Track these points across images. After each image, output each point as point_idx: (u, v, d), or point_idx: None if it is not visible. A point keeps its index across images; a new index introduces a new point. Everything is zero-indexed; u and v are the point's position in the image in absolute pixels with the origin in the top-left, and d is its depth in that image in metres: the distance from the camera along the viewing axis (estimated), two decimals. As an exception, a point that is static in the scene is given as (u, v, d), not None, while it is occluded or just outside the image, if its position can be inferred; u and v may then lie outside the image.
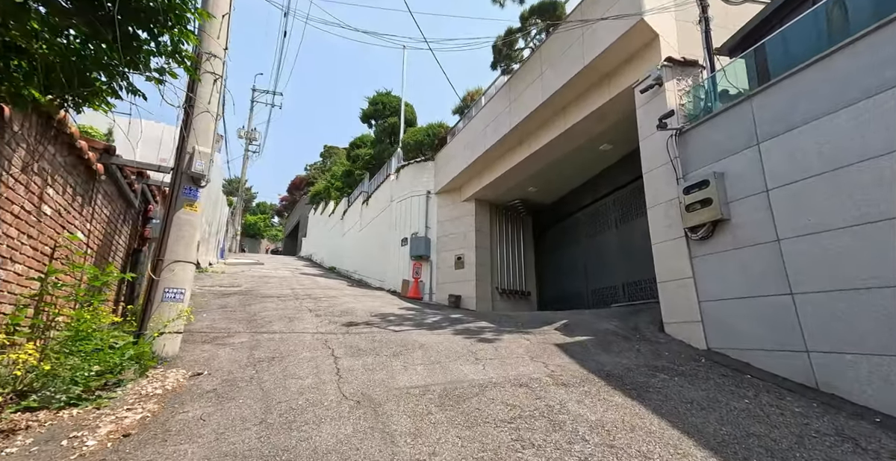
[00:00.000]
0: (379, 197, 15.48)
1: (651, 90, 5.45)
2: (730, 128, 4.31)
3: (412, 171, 13.69)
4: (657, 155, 5.30)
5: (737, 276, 4.05)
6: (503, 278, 11.94)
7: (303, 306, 7.38)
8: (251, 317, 6.21)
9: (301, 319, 6.17)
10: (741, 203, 4.10)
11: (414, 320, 6.59)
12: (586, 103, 7.92)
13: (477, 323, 6.27)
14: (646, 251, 8.84)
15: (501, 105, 9.97)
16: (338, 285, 11.87)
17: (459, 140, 11.98)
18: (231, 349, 4.35)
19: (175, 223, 3.95)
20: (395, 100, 17.83)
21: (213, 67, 4.27)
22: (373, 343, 4.81)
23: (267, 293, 8.71)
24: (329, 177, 26.02)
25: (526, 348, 4.60)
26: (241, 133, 23.14)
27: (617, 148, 9.11)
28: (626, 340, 4.75)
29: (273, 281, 11.19)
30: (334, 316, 6.64)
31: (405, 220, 13.20)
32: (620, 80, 7.12)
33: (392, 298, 10.25)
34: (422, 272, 12.06)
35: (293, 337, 5.03)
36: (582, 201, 10.96)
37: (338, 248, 19.79)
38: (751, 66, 4.69)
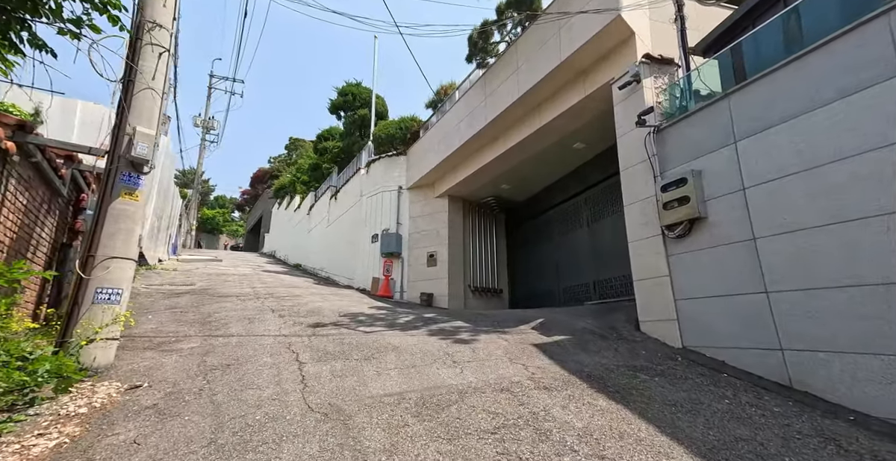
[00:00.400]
0: (348, 191, 14.95)
1: (629, 87, 5.42)
2: (708, 126, 4.31)
3: (383, 166, 13.28)
4: (634, 152, 5.27)
5: (713, 275, 4.06)
6: (476, 276, 11.82)
7: (265, 306, 6.90)
8: (205, 318, 5.70)
9: (262, 320, 5.73)
10: (718, 201, 4.11)
11: (386, 320, 6.29)
12: (562, 100, 7.86)
13: (452, 322, 6.06)
14: (617, 249, 8.99)
15: (477, 99, 9.78)
16: (303, 283, 11.32)
17: (433, 134, 11.71)
18: (179, 356, 3.90)
19: (111, 214, 3.45)
20: (365, 91, 17.27)
21: (158, 38, 3.77)
22: (342, 346, 4.49)
23: (224, 292, 8.12)
24: (295, 170, 25.00)
25: (504, 349, 4.43)
26: (196, 121, 21.70)
27: (590, 147, 9.16)
28: (603, 339, 4.70)
29: (232, 279, 10.51)
30: (299, 316, 6.23)
31: (376, 216, 12.80)
32: (596, 78, 7.09)
33: (361, 297, 9.88)
34: (393, 270, 11.73)
35: (253, 340, 4.62)
36: (554, 199, 11.00)
37: (304, 245, 19.03)
38: (726, 66, 4.73)
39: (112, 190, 3.54)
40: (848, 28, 3.30)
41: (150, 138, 3.75)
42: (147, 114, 3.77)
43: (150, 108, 3.84)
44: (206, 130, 21.92)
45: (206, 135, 22.01)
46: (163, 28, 3.87)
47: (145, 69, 3.74)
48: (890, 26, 3.07)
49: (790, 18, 4.02)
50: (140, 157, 3.67)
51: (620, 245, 8.76)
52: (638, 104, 5.30)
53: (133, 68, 3.67)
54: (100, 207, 3.44)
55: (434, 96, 13.65)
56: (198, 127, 21.72)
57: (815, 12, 3.84)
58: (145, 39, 3.75)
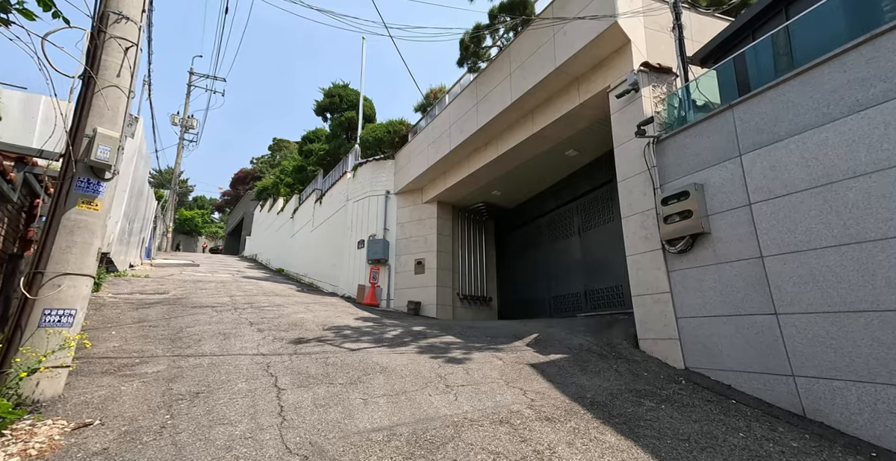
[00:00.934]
0: (334, 195, 14.54)
1: (627, 95, 5.27)
2: (710, 137, 4.16)
3: (371, 170, 12.95)
4: (633, 163, 5.11)
5: (717, 293, 3.89)
6: (465, 284, 11.57)
7: (242, 318, 6.49)
8: (176, 334, 5.28)
9: (239, 336, 5.34)
10: (722, 216, 3.95)
11: (372, 334, 5.97)
12: (555, 107, 7.71)
13: (442, 337, 5.78)
14: (609, 259, 8.85)
15: (468, 104, 9.57)
16: (285, 291, 10.86)
17: (422, 139, 11.45)
18: (141, 383, 3.51)
19: (64, 225, 3.06)
20: (353, 93, 16.91)
21: (123, 32, 3.41)
22: (325, 367, 4.16)
23: (200, 302, 7.66)
24: (278, 172, 24.37)
25: (499, 370, 4.17)
26: (174, 119, 20.91)
27: (583, 154, 9.03)
28: (602, 358, 4.48)
29: (209, 286, 9.99)
30: (280, 330, 5.86)
31: (362, 221, 12.44)
32: (591, 86, 6.96)
33: (347, 306, 9.50)
34: (379, 277, 11.39)
35: (227, 361, 4.25)
36: (545, 207, 10.85)
37: (287, 249, 18.48)
38: (727, 76, 4.62)
39: (66, 198, 3.15)
40: (861, 40, 3.18)
41: (114, 141, 3.38)
42: (110, 114, 3.40)
43: (113, 108, 3.46)
44: (184, 129, 21.16)
45: (184, 134, 21.25)
46: (130, 21, 3.51)
47: (109, 65, 3.37)
48: (905, 40, 2.96)
49: (795, 29, 3.91)
50: (101, 162, 3.29)
51: (613, 255, 8.65)
52: (636, 113, 5.15)
53: (94, 63, 3.29)
54: (51, 217, 3.06)
55: (423, 100, 13.41)
56: (176, 125, 20.94)
57: (821, 24, 3.73)
58: (110, 32, 3.38)
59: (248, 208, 29.31)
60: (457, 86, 11.27)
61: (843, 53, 3.28)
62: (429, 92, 13.26)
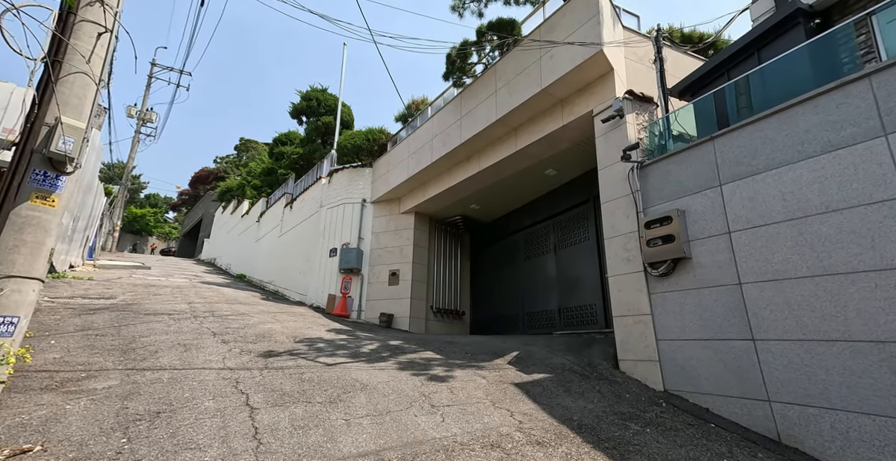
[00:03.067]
0: (306, 200, 14.09)
1: (612, 121, 5.45)
2: (692, 166, 4.35)
3: (347, 176, 12.68)
4: (616, 186, 5.26)
5: (697, 317, 4.01)
6: (439, 297, 11.43)
7: (204, 328, 6.04)
8: (128, 344, 4.81)
9: (202, 348, 4.94)
10: (703, 243, 4.10)
11: (348, 348, 5.70)
12: (538, 127, 7.88)
13: (421, 352, 5.61)
14: (584, 278, 8.99)
15: (452, 117, 9.62)
16: (249, 298, 10.29)
17: (403, 149, 11.37)
18: (90, 400, 3.13)
19: (13, 222, 2.70)
20: (331, 98, 16.64)
21: (96, 16, 3.13)
22: (301, 383, 3.89)
23: (154, 308, 7.08)
24: (245, 173, 23.43)
25: (484, 390, 4.07)
26: (131, 111, 19.66)
27: (561, 174, 9.26)
28: (584, 379, 4.48)
29: (163, 291, 9.30)
30: (247, 342, 5.48)
31: (336, 229, 12.08)
32: (574, 109, 7.17)
33: (316, 316, 9.09)
34: (351, 287, 11.04)
35: (190, 376, 3.89)
36: (522, 223, 10.98)
37: (250, 254, 17.64)
38: (707, 109, 4.87)
39: (17, 191, 2.79)
40: (832, 86, 3.44)
41: (79, 132, 3.06)
42: (76, 102, 3.09)
43: (80, 96, 3.15)
44: (141, 122, 19.92)
45: (141, 127, 20.00)
46: (105, 4, 3.24)
47: (79, 49, 3.08)
48: (872, 89, 3.22)
49: (768, 71, 4.20)
50: (61, 153, 2.96)
51: (588, 274, 8.82)
52: (620, 138, 5.33)
53: (62, 45, 3.00)
54: (-1, 213, 2.70)
55: (405, 110, 13.37)
56: (132, 118, 19.69)
57: (792, 67, 4.03)
58: (81, 15, 3.10)
59: (209, 209, 27.88)
60: (440, 99, 11.33)
61: (815, 96, 3.54)
62: (411, 103, 13.26)
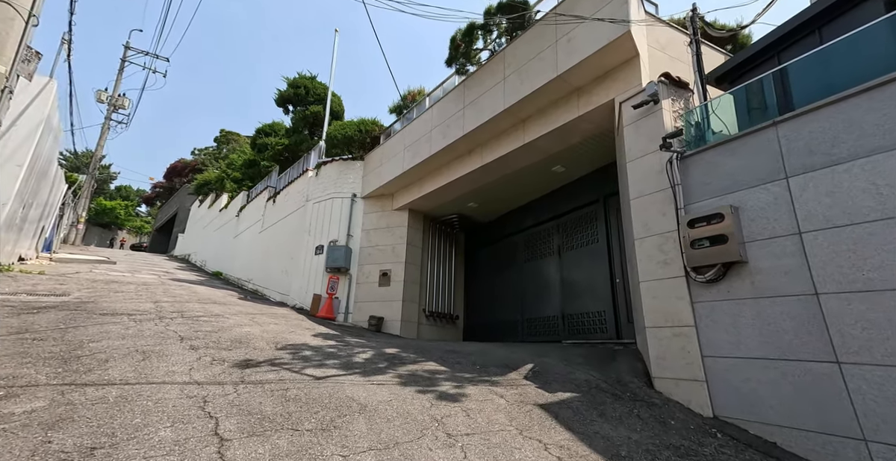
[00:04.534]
0: (291, 194, 13.21)
1: (645, 107, 4.88)
2: (748, 156, 3.80)
3: (336, 170, 11.87)
4: (649, 179, 4.68)
5: (756, 332, 3.44)
6: (432, 300, 10.74)
7: (170, 331, 5.20)
8: (72, 351, 3.96)
9: (165, 355, 4.13)
10: (764, 245, 3.54)
11: (339, 357, 4.95)
12: (550, 118, 7.29)
13: (422, 363, 4.90)
14: (592, 283, 8.18)
15: (454, 107, 8.96)
16: (225, 298, 9.37)
17: (398, 141, 10.65)
18: (1, 430, 2.33)
19: None
20: (320, 86, 15.76)
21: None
22: (285, 403, 3.15)
23: (113, 308, 6.17)
24: (224, 165, 22.23)
25: (506, 412, 3.40)
26: (101, 95, 18.30)
27: (569, 171, 8.70)
28: (617, 400, 3.87)
29: (127, 289, 8.33)
30: (220, 348, 4.68)
31: (323, 225, 11.26)
32: (592, 98, 6.61)
33: (300, 318, 8.27)
34: (338, 287, 10.24)
35: (145, 394, 3.10)
36: (522, 223, 10.38)
37: (228, 250, 16.57)
38: (753, 96, 4.34)
39: None
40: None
41: None
42: (-4, 36, 2.30)
43: (2, 31, 2.36)
44: (112, 108, 18.57)
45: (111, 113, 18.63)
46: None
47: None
48: None
49: (842, 47, 3.67)
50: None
51: (596, 279, 8.10)
52: (654, 126, 4.76)
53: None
54: None
55: (400, 101, 12.65)
56: (102, 103, 18.32)
57: (871, 45, 3.51)
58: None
59: (184, 203, 26.47)
60: (439, 89, 10.67)
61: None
62: (406, 93, 12.54)
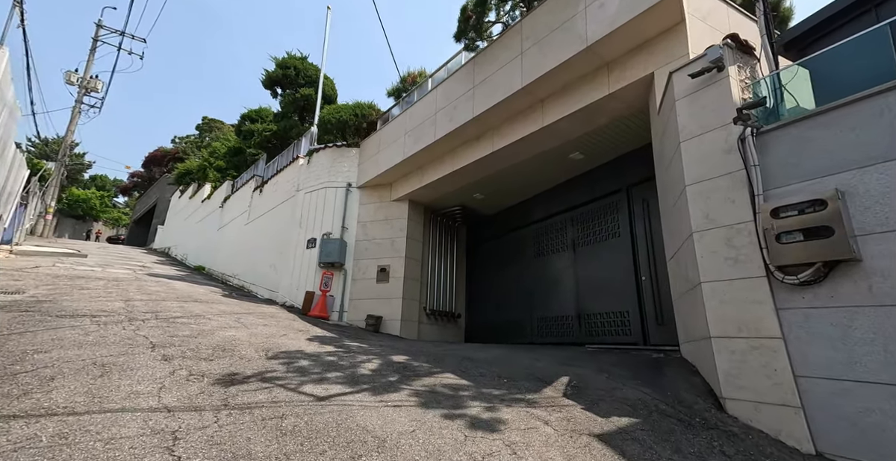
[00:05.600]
0: (280, 184, 12.25)
1: (706, 75, 4.14)
2: (856, 129, 3.10)
3: (330, 157, 10.96)
4: (711, 161, 3.97)
5: (878, 348, 2.77)
6: (432, 297, 9.98)
7: (140, 336, 4.34)
8: (7, 367, 3.07)
9: (129, 370, 3.28)
10: (883, 239, 2.86)
11: (341, 367, 4.15)
12: (574, 97, 6.53)
13: (440, 375, 4.13)
14: (613, 281, 7.17)
15: (462, 87, 8.13)
16: (208, 295, 8.45)
17: (397, 126, 9.79)
18: None
19: None
20: (312, 68, 14.69)
21: None
22: (281, 440, 2.36)
23: (74, 308, 5.25)
24: (207, 154, 20.98)
25: (560, 448, 2.67)
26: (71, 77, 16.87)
27: (589, 158, 7.97)
28: (688, 428, 3.16)
29: (94, 285, 7.37)
30: (200, 358, 3.85)
31: (315, 216, 10.37)
32: (625, 73, 5.86)
33: (291, 318, 7.42)
34: (332, 284, 9.40)
35: (95, 427, 2.27)
36: (531, 216, 9.65)
37: (211, 244, 15.52)
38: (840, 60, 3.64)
39: None
40: None
41: None
42: None
43: None
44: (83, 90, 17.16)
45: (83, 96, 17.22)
46: None
47: None
48: None
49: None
50: None
51: (618, 275, 7.09)
52: (719, 98, 4.04)
53: None
54: None
55: (399, 83, 11.74)
56: (72, 85, 16.90)
57: None
58: None
59: (164, 193, 25.08)
60: (443, 70, 9.81)
61: None
62: (406, 76, 11.64)
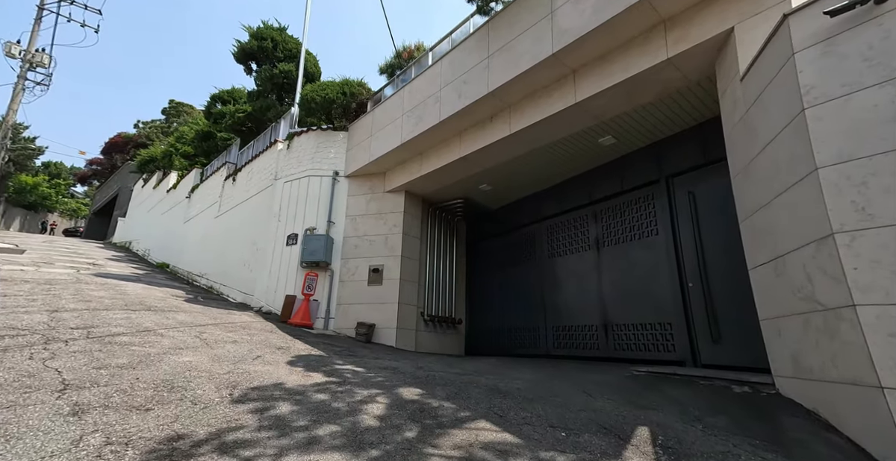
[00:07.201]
0: (255, 171, 10.79)
1: (857, 9, 3.09)
2: None
3: (314, 141, 9.61)
4: (863, 133, 2.93)
5: None
6: (431, 301, 8.81)
7: (48, 371, 3.03)
8: None
9: (4, 440, 1.97)
10: None
11: (335, 414, 2.92)
12: (617, 66, 5.47)
13: (470, 424, 2.96)
14: (651, 286, 6.07)
15: (474, 57, 6.97)
16: (166, 301, 7.00)
17: (394, 105, 8.54)
18: None
19: None
20: (291, 41, 13.15)
21: None
22: None
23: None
24: (174, 139, 19.03)
25: None
26: (11, 48, 14.69)
27: (621, 143, 6.97)
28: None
29: (17, 290, 5.88)
30: (130, 408, 2.58)
31: (297, 209, 9.02)
32: (689, 32, 4.82)
33: (268, 329, 6.09)
34: (316, 286, 8.08)
35: None
36: (543, 210, 8.62)
37: (177, 238, 13.83)
38: None
39: None
40: None
41: None
42: None
43: None
44: (27, 65, 15.00)
45: (26, 71, 15.05)
46: None
47: None
48: None
49: None
50: None
51: (656, 280, 6.02)
52: (878, 43, 3.00)
53: None
54: None
55: (393, 59, 10.43)
56: (14, 58, 14.74)
57: None
58: None
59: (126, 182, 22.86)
60: (446, 41, 8.60)
61: None
62: (402, 50, 10.35)
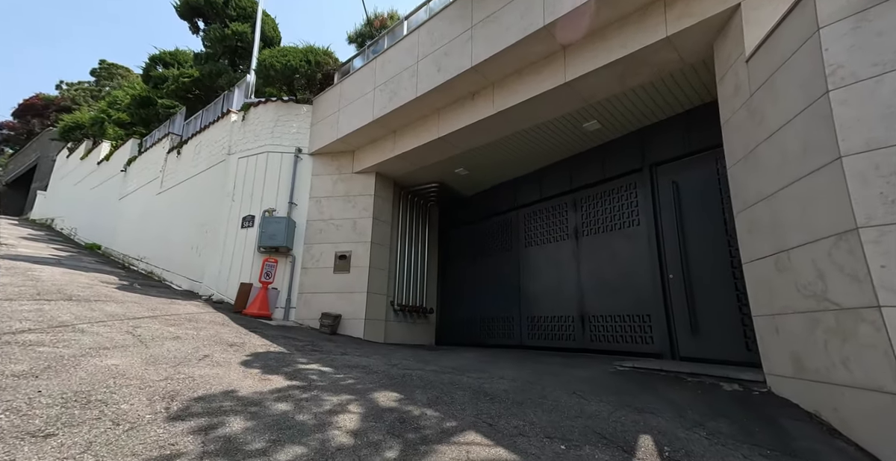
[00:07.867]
0: (204, 144, 9.65)
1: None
2: None
3: (273, 114, 8.67)
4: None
5: None
6: (401, 289, 8.37)
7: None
8: None
9: None
10: None
11: (299, 430, 2.42)
12: (612, 43, 5.15)
13: (457, 436, 2.58)
14: (630, 277, 6.01)
15: (455, 28, 6.39)
16: (92, 288, 6.03)
17: (365, 77, 7.80)
18: None
19: None
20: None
21: None
22: None
23: None
24: (105, 105, 16.85)
25: None
26: None
27: (606, 129, 6.74)
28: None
29: None
30: (23, 435, 1.96)
31: (254, 188, 8.15)
32: (691, 8, 4.54)
33: (220, 322, 5.38)
34: (275, 274, 7.37)
35: None
36: (521, 198, 8.34)
37: (110, 216, 12.33)
38: None
39: None
40: None
41: None
42: None
43: None
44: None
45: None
46: None
47: None
48: None
49: None
50: None
51: (636, 271, 5.95)
52: None
53: None
54: None
55: (363, 27, 9.54)
56: None
57: None
58: None
59: (48, 151, 20.16)
60: (422, 10, 7.90)
61: None
62: (374, 17, 9.47)
